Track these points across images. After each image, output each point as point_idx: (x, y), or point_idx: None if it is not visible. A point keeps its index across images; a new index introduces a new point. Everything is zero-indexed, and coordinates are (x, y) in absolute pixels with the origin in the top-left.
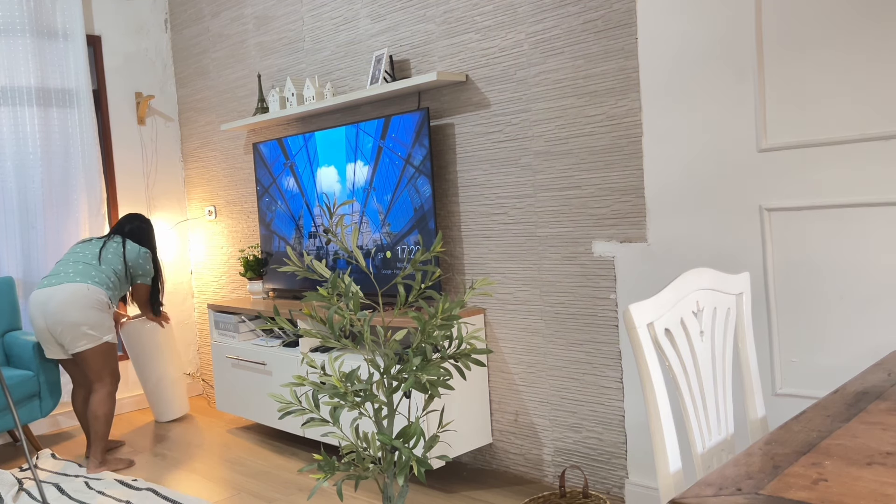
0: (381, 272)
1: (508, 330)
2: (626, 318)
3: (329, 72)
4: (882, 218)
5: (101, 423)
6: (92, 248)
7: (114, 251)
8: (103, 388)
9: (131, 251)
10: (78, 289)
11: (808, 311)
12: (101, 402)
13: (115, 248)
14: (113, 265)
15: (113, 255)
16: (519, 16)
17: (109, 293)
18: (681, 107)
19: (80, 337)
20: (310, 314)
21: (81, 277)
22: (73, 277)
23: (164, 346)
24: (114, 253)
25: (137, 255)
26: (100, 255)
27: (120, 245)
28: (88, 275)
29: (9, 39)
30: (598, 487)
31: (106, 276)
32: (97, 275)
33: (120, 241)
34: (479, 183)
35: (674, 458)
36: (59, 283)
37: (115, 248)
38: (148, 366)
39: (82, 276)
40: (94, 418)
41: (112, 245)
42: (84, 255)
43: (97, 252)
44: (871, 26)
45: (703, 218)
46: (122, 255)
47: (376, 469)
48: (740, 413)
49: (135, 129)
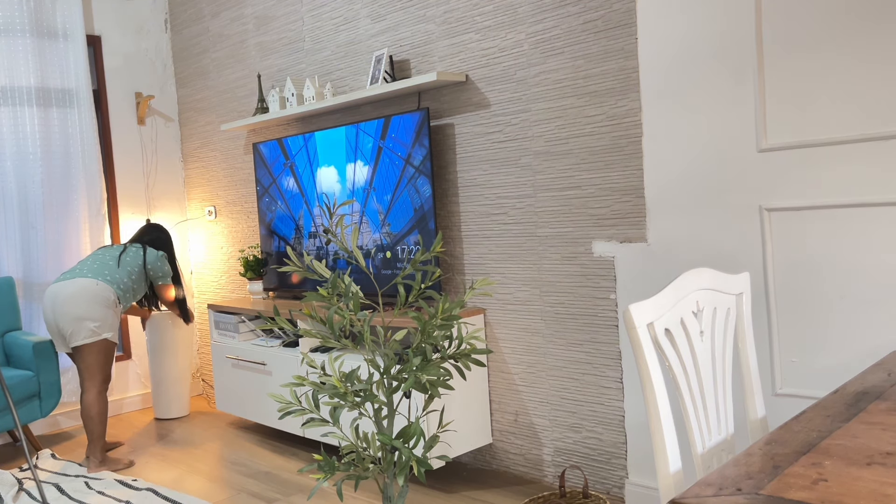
0: (381, 272)
1: (508, 330)
2: (626, 318)
3: (329, 72)
4: (882, 218)
5: (96, 422)
6: (112, 252)
7: (133, 254)
8: (93, 387)
9: (150, 254)
10: (87, 283)
11: (808, 311)
12: (92, 402)
13: (135, 252)
14: (129, 266)
15: (132, 258)
16: (519, 16)
17: (119, 292)
18: (681, 107)
19: (81, 330)
20: (310, 314)
21: (93, 274)
22: (85, 273)
23: (181, 344)
24: (133, 256)
25: (155, 258)
26: (119, 257)
27: (140, 250)
28: (101, 272)
29: (9, 39)
30: (598, 487)
31: (119, 277)
32: (110, 273)
33: (140, 247)
34: (479, 183)
35: (674, 458)
36: (71, 278)
37: (135, 252)
38: (162, 359)
39: (94, 273)
40: (88, 418)
41: (132, 249)
42: (103, 257)
43: (117, 255)
44: (871, 27)
45: (704, 218)
46: (143, 259)
47: (376, 469)
48: (740, 413)
49: (135, 129)
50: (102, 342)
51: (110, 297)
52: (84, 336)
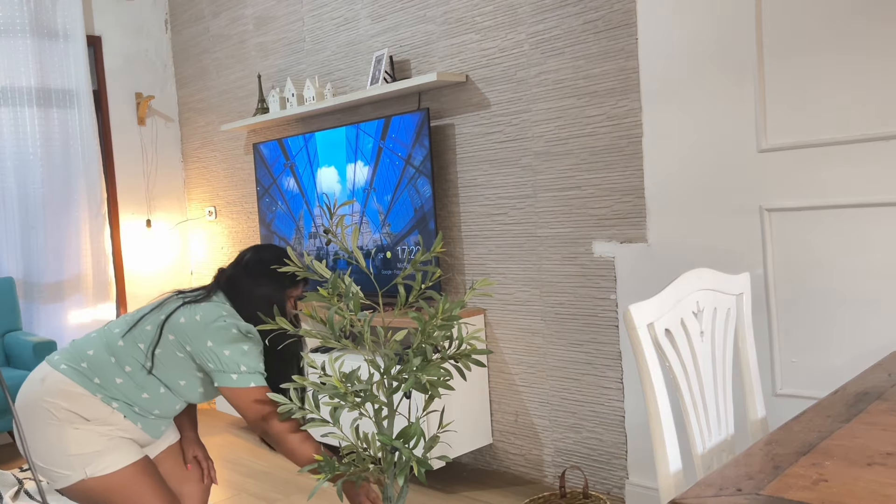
0: (382, 272)
1: (508, 330)
2: (627, 318)
3: (329, 72)
4: (882, 218)
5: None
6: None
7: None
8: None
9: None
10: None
11: (808, 311)
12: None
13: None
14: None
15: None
16: (519, 16)
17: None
18: (681, 107)
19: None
20: (310, 314)
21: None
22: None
23: None
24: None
25: (209, 323)
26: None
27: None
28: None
29: (9, 40)
30: (598, 488)
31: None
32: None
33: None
34: (480, 183)
35: (674, 459)
36: None
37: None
38: None
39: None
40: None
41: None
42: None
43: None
44: (871, 27)
45: (704, 218)
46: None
47: (377, 469)
48: (740, 413)
49: (135, 129)
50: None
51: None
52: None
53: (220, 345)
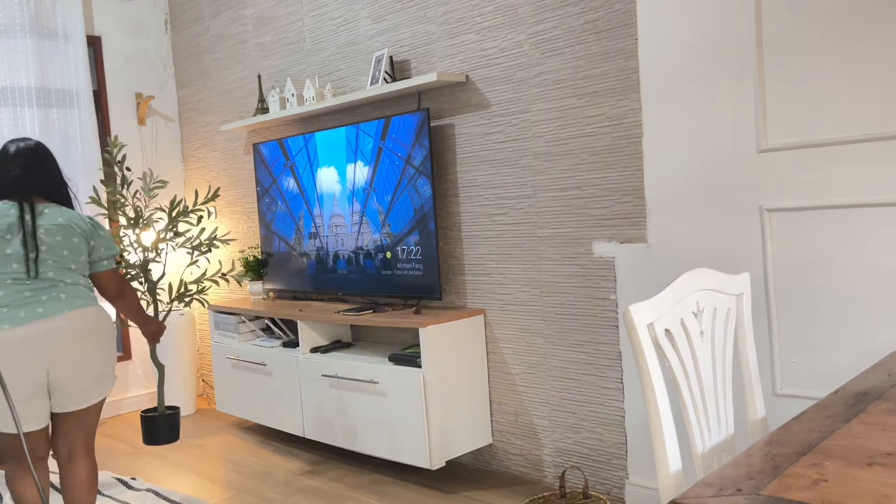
0: (381, 272)
1: (508, 330)
2: (627, 318)
3: (329, 72)
4: (882, 218)
5: (89, 500)
6: (64, 231)
7: (70, 223)
8: (89, 456)
9: (80, 218)
10: (88, 314)
11: (808, 311)
12: (88, 476)
13: (69, 218)
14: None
15: (65, 230)
16: (519, 16)
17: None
18: (681, 107)
19: (95, 389)
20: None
21: (79, 295)
22: (69, 292)
23: (184, 343)
24: (68, 226)
25: (89, 221)
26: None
27: (60, 211)
28: (83, 284)
29: (9, 40)
30: (598, 488)
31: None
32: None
33: (56, 207)
34: (480, 183)
35: (674, 459)
36: (55, 310)
37: (69, 218)
38: (164, 359)
39: (78, 291)
40: (80, 496)
41: (50, 213)
42: (56, 247)
43: (69, 238)
44: (872, 27)
45: (704, 218)
46: (81, 227)
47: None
48: (740, 413)
49: (135, 129)
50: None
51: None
52: (97, 396)
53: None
